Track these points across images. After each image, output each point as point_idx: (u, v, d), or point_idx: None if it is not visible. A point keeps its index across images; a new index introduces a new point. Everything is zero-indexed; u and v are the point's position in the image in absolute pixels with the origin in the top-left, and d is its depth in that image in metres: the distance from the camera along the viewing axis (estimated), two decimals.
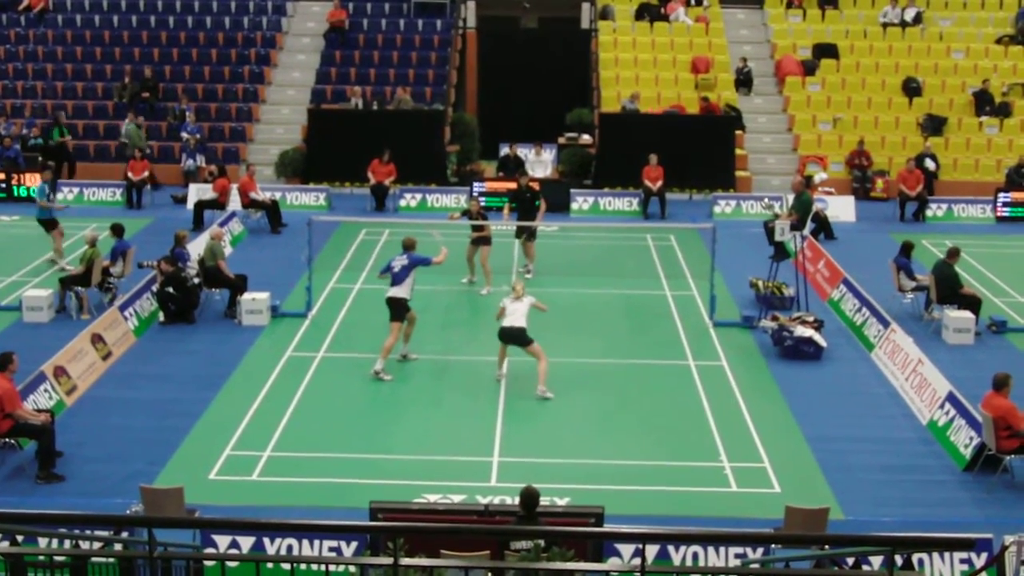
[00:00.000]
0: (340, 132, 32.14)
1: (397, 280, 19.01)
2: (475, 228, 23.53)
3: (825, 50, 35.79)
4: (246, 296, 21.63)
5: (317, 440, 16.73)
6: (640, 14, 37.16)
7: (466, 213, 24.01)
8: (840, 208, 30.01)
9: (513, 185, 30.59)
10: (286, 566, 12.64)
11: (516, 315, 18.33)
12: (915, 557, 13.26)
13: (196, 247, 23.06)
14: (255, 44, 36.48)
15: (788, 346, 20.05)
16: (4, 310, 21.82)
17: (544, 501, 12.64)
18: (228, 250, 25.62)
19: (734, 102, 33.94)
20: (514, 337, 18.35)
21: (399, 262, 19.10)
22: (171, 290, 21.37)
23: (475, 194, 29.10)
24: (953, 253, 21.72)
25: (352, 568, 12.32)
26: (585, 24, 38.92)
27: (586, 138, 33.64)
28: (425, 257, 19.27)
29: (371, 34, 36.89)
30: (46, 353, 18.04)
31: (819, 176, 30.43)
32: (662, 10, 37.25)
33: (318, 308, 22.23)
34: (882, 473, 15.95)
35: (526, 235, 24.59)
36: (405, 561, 8.07)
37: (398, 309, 19.01)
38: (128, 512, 13.49)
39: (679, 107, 33.37)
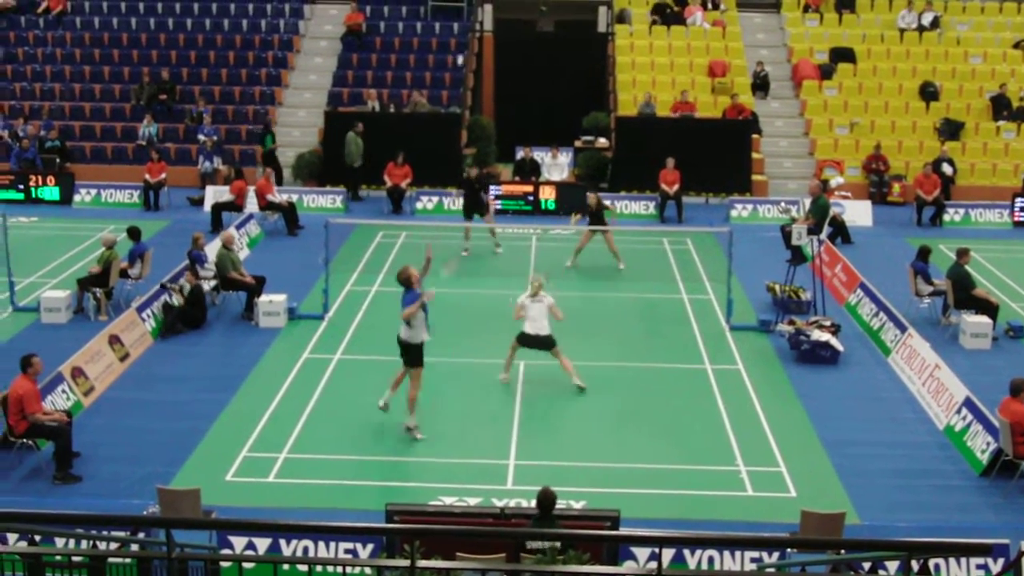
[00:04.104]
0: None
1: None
2: (594, 219, 24.99)
3: (842, 54, 35.73)
4: (263, 298, 21.67)
5: (333, 442, 16.76)
6: (657, 18, 37.14)
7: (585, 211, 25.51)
8: (857, 212, 29.94)
9: (529, 188, 30.81)
10: (303, 567, 12.67)
11: (540, 320, 18.33)
12: (932, 562, 13.23)
13: (213, 249, 23.11)
14: (272, 47, 36.58)
15: (805, 350, 20.02)
16: (23, 311, 21.92)
17: (560, 504, 12.65)
18: (244, 252, 25.71)
19: (751, 106, 33.89)
20: (540, 343, 18.45)
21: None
22: (186, 305, 21.28)
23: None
24: (963, 253, 21.74)
25: (368, 570, 12.33)
26: (602, 28, 38.95)
27: (602, 141, 33.63)
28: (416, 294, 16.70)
29: (388, 37, 36.96)
30: (64, 354, 18.13)
31: (836, 180, 30.38)
32: (679, 8, 37.22)
33: (335, 310, 22.27)
34: (898, 478, 15.91)
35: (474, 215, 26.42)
36: (422, 563, 8.08)
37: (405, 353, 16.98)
38: (145, 513, 13.55)
39: (690, 106, 33.25)
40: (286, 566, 12.94)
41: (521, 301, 18.61)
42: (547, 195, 30.82)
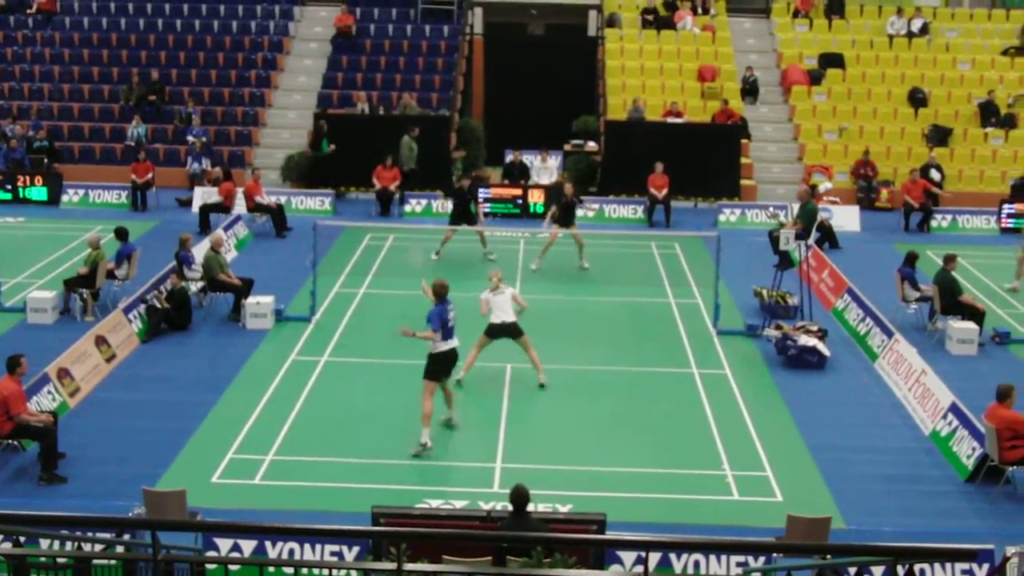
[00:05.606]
0: (346, 137, 32.15)
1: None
2: (566, 210, 25.39)
3: (831, 60, 35.83)
4: (250, 300, 21.62)
5: (320, 444, 16.73)
6: (647, 22, 37.19)
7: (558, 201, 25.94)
8: (845, 218, 30.00)
9: (518, 191, 30.84)
10: (288, 570, 12.62)
11: (505, 309, 18.49)
12: (917, 567, 13.25)
13: (201, 251, 23.06)
14: (262, 48, 36.56)
15: (791, 355, 20.04)
16: (9, 311, 21.85)
17: (546, 508, 12.65)
18: (232, 254, 25.66)
19: (740, 111, 33.96)
20: (508, 331, 18.56)
21: (452, 313, 16.84)
22: (170, 308, 21.17)
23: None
24: (949, 259, 21.78)
25: (354, 573, 12.30)
26: (592, 32, 39.00)
27: (592, 145, 33.65)
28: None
29: (378, 39, 36.97)
30: (50, 355, 18.07)
31: (824, 186, 30.40)
32: (669, 12, 37.27)
33: (322, 312, 22.23)
34: (884, 483, 15.93)
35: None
36: (409, 566, 8.07)
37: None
38: (131, 514, 13.50)
39: (678, 112, 33.26)
40: (272, 568, 12.90)
41: (484, 296, 18.68)
42: (536, 199, 30.84)
